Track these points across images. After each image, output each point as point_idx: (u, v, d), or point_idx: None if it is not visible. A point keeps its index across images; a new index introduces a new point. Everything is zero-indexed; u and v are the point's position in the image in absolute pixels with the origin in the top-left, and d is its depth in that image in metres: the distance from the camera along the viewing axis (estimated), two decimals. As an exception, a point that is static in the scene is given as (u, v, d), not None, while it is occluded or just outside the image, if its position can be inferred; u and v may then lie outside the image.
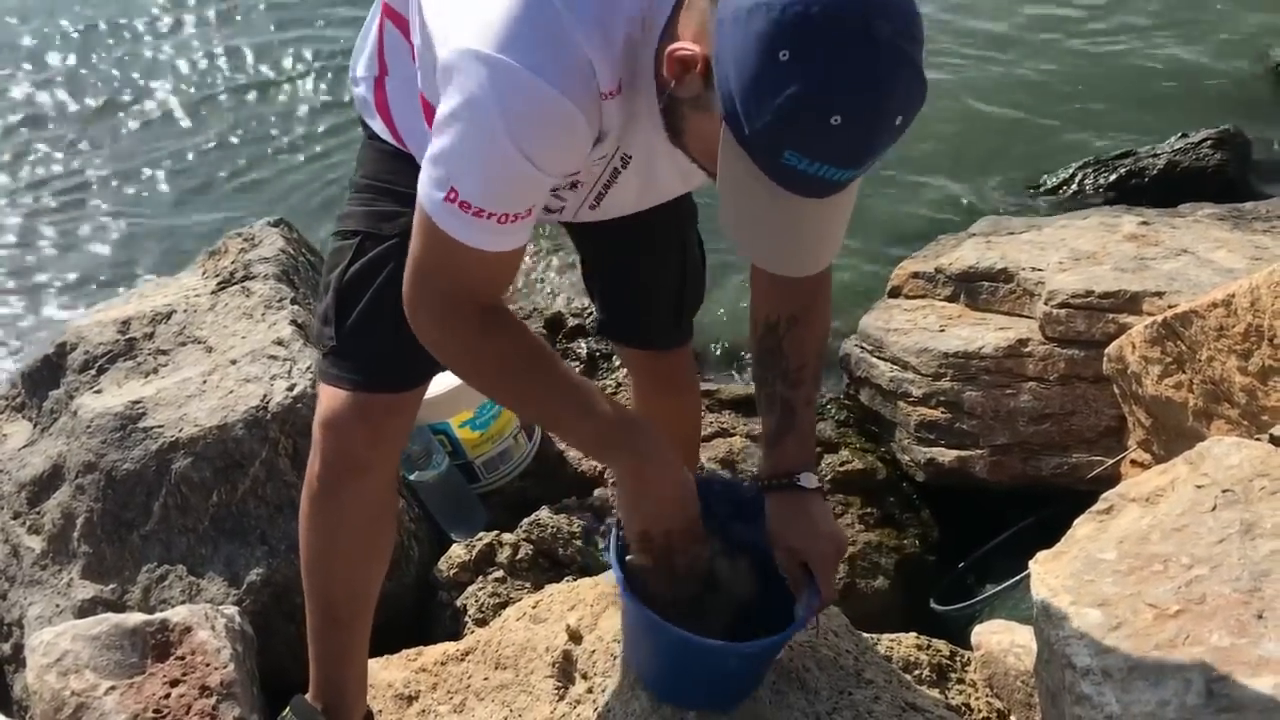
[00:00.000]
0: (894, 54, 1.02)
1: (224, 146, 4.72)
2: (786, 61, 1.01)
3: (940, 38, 4.99)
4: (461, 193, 1.20)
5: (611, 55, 1.19)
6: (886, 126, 1.05)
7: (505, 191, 1.22)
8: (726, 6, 1.06)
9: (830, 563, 1.45)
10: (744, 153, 1.08)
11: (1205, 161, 4.06)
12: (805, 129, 1.04)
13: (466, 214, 1.21)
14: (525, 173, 1.20)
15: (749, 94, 1.04)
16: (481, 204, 1.21)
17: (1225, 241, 2.73)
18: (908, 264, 3.04)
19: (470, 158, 1.20)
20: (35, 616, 2.20)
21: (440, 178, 1.22)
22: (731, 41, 1.04)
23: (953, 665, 1.93)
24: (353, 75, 1.59)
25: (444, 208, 1.22)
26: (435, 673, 1.83)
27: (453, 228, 1.23)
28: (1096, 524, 1.56)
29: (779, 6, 1.01)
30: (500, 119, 1.16)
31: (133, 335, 2.48)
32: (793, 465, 1.48)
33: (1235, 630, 1.29)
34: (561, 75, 1.16)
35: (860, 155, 1.07)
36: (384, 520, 1.67)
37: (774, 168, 1.08)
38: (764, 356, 1.52)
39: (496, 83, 1.15)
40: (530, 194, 1.24)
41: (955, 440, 2.66)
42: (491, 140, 1.18)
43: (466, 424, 2.57)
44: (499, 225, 1.23)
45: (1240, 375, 1.93)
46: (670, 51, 1.13)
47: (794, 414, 1.50)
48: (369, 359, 1.52)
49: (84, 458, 2.24)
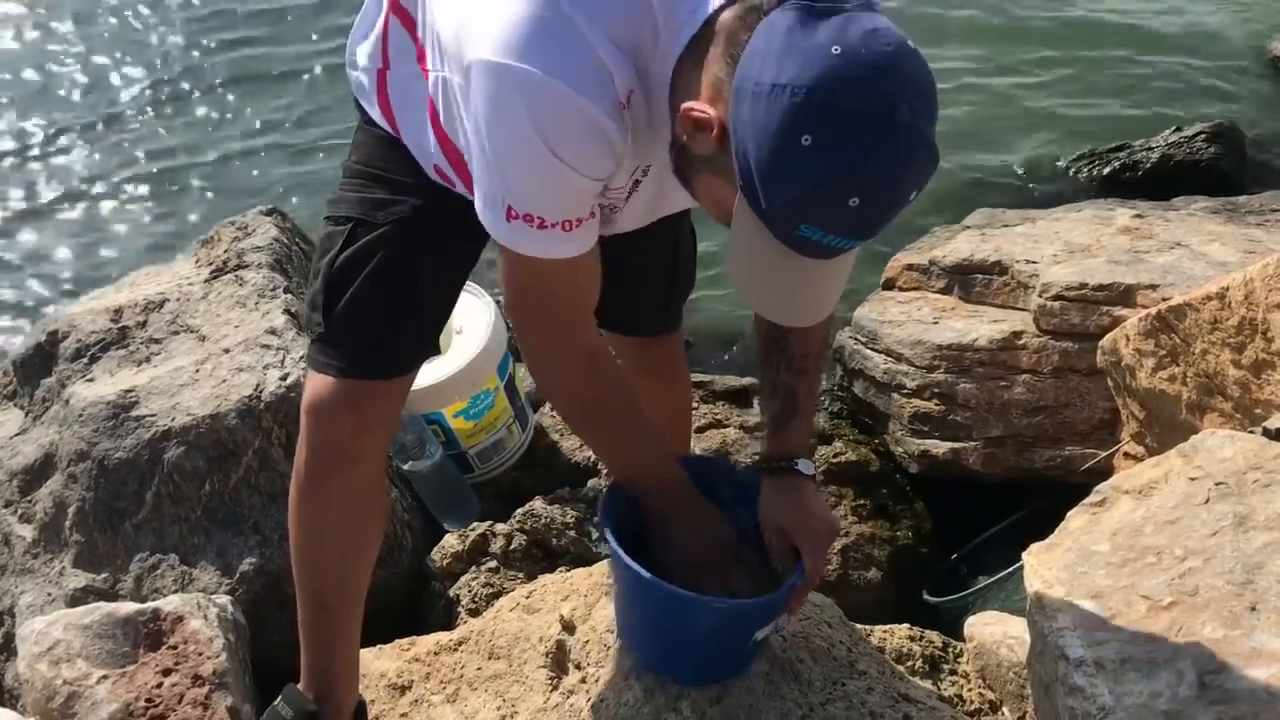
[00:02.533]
0: (913, 139, 1.03)
1: (217, 134, 4.71)
2: (809, 147, 1.02)
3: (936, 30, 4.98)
4: (518, 207, 1.23)
5: (624, 64, 1.19)
6: (900, 202, 1.08)
7: (557, 198, 1.24)
8: (746, 77, 1.06)
9: (820, 543, 1.47)
10: (758, 220, 1.10)
11: (1199, 155, 4.07)
12: (823, 209, 1.06)
13: (532, 228, 1.24)
14: (569, 178, 1.21)
15: (768, 174, 1.05)
16: (541, 214, 1.23)
17: (1219, 235, 2.73)
18: (902, 256, 3.04)
19: (513, 173, 1.22)
20: (27, 605, 2.19)
21: (493, 199, 1.25)
22: (751, 116, 1.05)
23: (945, 656, 1.94)
24: (350, 59, 1.58)
25: (509, 228, 1.25)
26: (428, 662, 1.83)
27: (524, 245, 1.26)
28: (1090, 516, 1.56)
29: (804, 90, 1.01)
30: (531, 128, 1.17)
31: (125, 324, 2.47)
32: (792, 450, 1.50)
33: (1228, 622, 1.30)
34: (582, 80, 1.16)
35: (874, 228, 1.09)
36: (373, 508, 1.67)
37: (788, 237, 1.10)
38: (769, 344, 1.53)
39: (522, 93, 1.16)
40: (582, 198, 1.26)
41: (949, 432, 2.66)
42: (529, 151, 1.19)
43: (460, 414, 2.56)
44: (564, 233, 1.25)
45: (1234, 368, 1.93)
46: (685, 110, 1.13)
47: (796, 401, 1.52)
48: (357, 346, 1.52)
49: (76, 446, 2.23)
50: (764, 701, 1.55)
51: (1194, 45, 4.96)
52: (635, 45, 1.19)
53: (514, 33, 1.15)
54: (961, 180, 4.17)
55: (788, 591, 1.44)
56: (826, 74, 1.01)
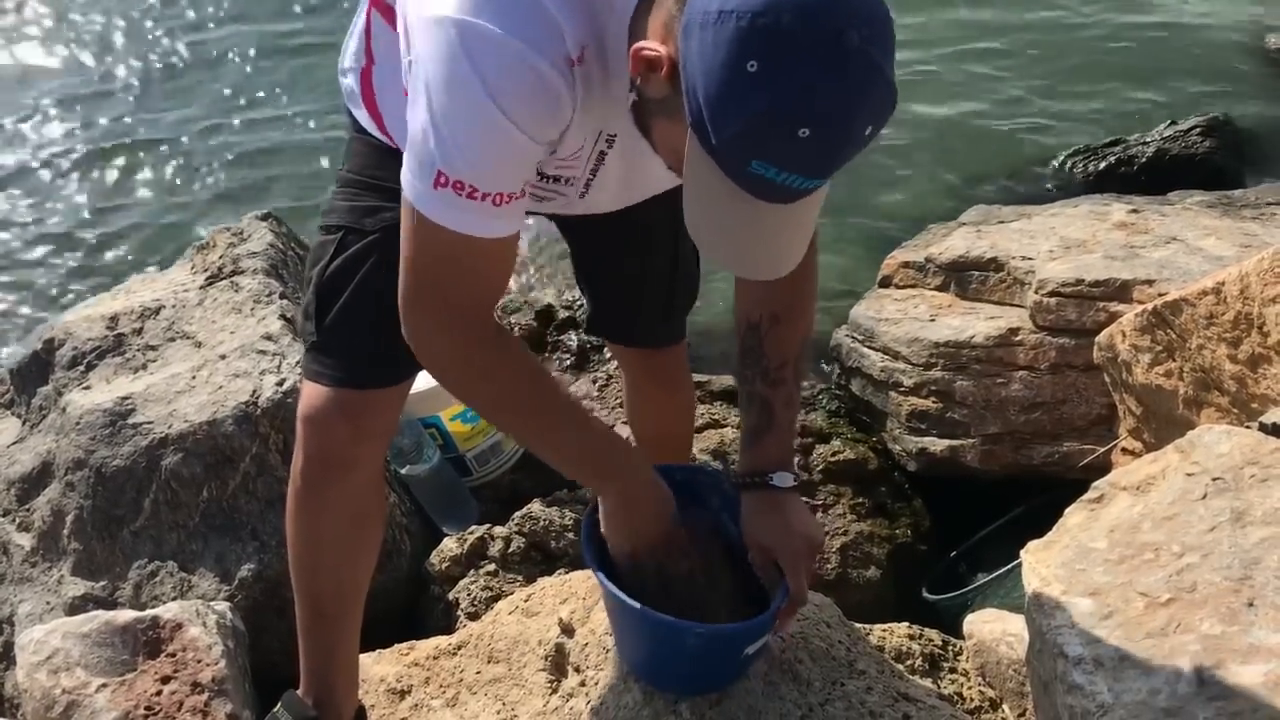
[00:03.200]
0: (864, 66, 1.00)
1: (212, 140, 4.70)
2: (755, 73, 0.99)
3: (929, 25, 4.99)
4: (451, 172, 1.18)
5: (576, 19, 1.16)
6: (855, 138, 1.04)
7: (496, 162, 1.19)
8: (694, 8, 1.04)
9: (801, 560, 1.44)
10: (710, 160, 1.07)
11: (1194, 149, 4.07)
12: (773, 141, 1.02)
13: (460, 196, 1.19)
14: (513, 138, 1.17)
15: (716, 105, 1.02)
16: (474, 181, 1.18)
17: (1214, 229, 2.73)
18: (898, 254, 3.04)
19: (455, 129, 1.17)
20: (25, 614, 2.19)
21: (426, 161, 1.19)
22: (698, 48, 1.02)
23: (945, 655, 1.94)
24: (341, 66, 1.59)
25: (433, 196, 1.19)
26: (427, 667, 1.83)
27: (444, 215, 1.20)
28: (1087, 513, 1.56)
29: (748, 15, 0.99)
30: (479, 83, 1.14)
31: (121, 331, 2.47)
32: (768, 464, 1.47)
33: (1226, 618, 1.30)
34: (535, 36, 1.14)
35: (827, 165, 1.06)
36: (370, 515, 1.66)
37: (740, 176, 1.06)
38: (745, 355, 1.51)
39: (471, 46, 1.13)
40: (520, 165, 1.22)
41: (946, 430, 2.66)
42: (474, 106, 1.15)
43: (457, 417, 2.56)
44: (493, 207, 1.20)
45: (1230, 363, 1.93)
46: (635, 50, 1.11)
47: (772, 413, 1.49)
48: (350, 354, 1.52)
49: (73, 454, 2.23)
50: (763, 702, 1.55)
51: (1189, 39, 4.96)
52: (589, 2, 1.17)
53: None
54: (957, 177, 4.17)
55: (773, 614, 1.43)
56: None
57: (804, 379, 2.96)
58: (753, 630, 1.44)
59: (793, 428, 1.54)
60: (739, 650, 1.48)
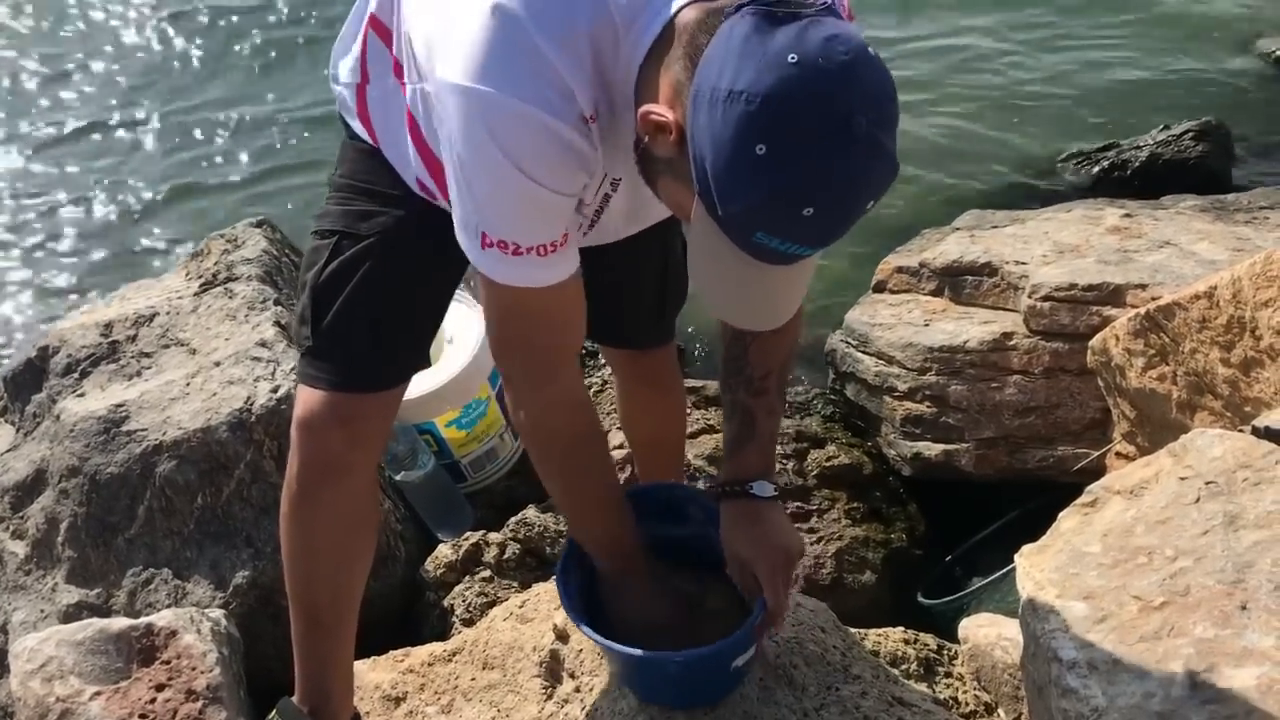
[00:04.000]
0: (870, 149, 1.02)
1: (206, 147, 4.70)
2: (763, 156, 1.00)
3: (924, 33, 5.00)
4: (492, 234, 1.22)
5: (586, 79, 1.18)
6: (857, 212, 1.06)
7: (531, 221, 1.23)
8: (704, 80, 1.04)
9: (779, 573, 1.45)
10: (715, 225, 1.09)
11: (1187, 153, 4.07)
12: (778, 219, 1.04)
13: (507, 254, 1.23)
14: (542, 197, 1.20)
15: (723, 181, 1.04)
16: (515, 239, 1.22)
17: (1207, 233, 2.73)
18: (892, 258, 3.05)
19: (486, 196, 1.21)
20: (19, 622, 2.18)
21: (469, 224, 1.24)
22: (707, 122, 1.03)
23: (940, 659, 1.94)
24: (333, 75, 1.59)
25: (486, 255, 1.24)
26: (422, 673, 1.83)
27: (500, 273, 1.25)
28: (1081, 517, 1.56)
29: (759, 99, 0.99)
30: (499, 150, 1.16)
31: (115, 338, 2.47)
32: (749, 474, 1.49)
33: (1219, 621, 1.30)
34: (545, 99, 1.16)
35: (830, 237, 1.08)
36: (365, 522, 1.66)
37: (744, 244, 1.08)
38: (729, 364, 1.52)
39: (485, 115, 1.16)
40: (556, 218, 1.25)
41: (941, 434, 2.66)
42: (500, 175, 1.18)
43: (452, 423, 2.56)
44: (539, 258, 1.24)
45: (1223, 367, 1.93)
46: (644, 113, 1.12)
47: (754, 423, 1.50)
48: (345, 359, 1.52)
49: (67, 461, 2.22)
50: (759, 708, 1.55)
51: (1181, 43, 4.97)
52: (597, 57, 1.18)
53: (476, 55, 1.15)
54: (950, 182, 4.17)
55: (750, 627, 1.43)
56: (782, 83, 0.99)
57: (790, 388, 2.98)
58: (731, 648, 1.44)
59: (774, 437, 1.56)
60: (725, 666, 1.49)
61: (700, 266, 1.16)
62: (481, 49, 1.15)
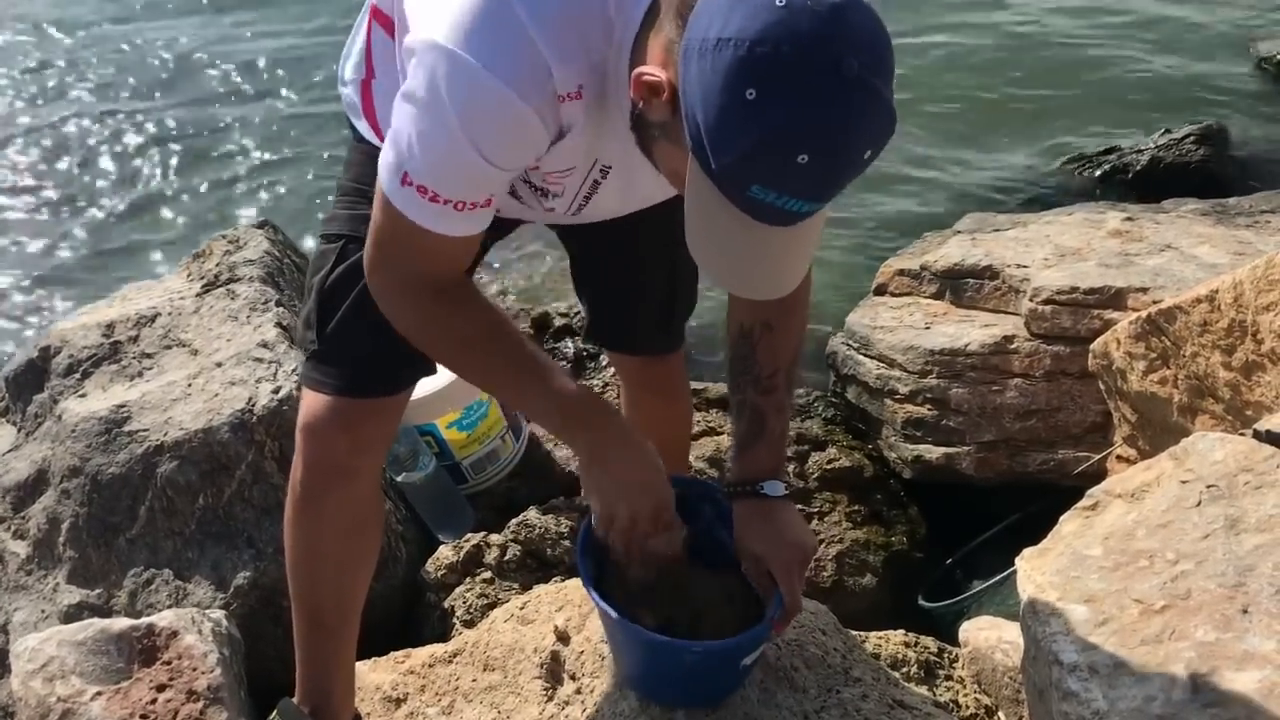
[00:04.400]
0: (863, 92, 1.01)
1: (209, 148, 4.71)
2: (753, 101, 1.00)
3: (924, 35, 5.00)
4: (415, 177, 1.22)
5: (571, 59, 1.19)
6: (853, 162, 1.05)
7: (459, 181, 1.23)
8: (693, 35, 1.05)
9: (792, 570, 1.44)
10: (710, 182, 1.08)
11: (1188, 157, 4.08)
12: (772, 166, 1.03)
13: (423, 198, 1.23)
14: (478, 165, 1.21)
15: (715, 131, 1.03)
16: (436, 189, 1.23)
17: (1208, 237, 2.74)
18: (893, 261, 3.05)
19: (425, 146, 1.21)
20: (20, 622, 2.18)
21: (396, 161, 1.24)
22: (698, 74, 1.03)
23: (940, 662, 1.94)
24: (340, 77, 1.59)
25: (401, 191, 1.24)
26: (423, 675, 1.83)
27: (409, 210, 1.25)
28: (1082, 520, 1.56)
29: (746, 43, 0.99)
30: (454, 113, 1.18)
31: (117, 338, 2.47)
32: (760, 473, 1.48)
33: (1220, 625, 1.30)
34: (516, 75, 1.16)
35: (826, 189, 1.07)
36: (368, 525, 1.67)
37: (740, 199, 1.07)
38: (737, 363, 1.52)
39: (452, 77, 1.17)
40: (484, 185, 1.25)
41: (942, 437, 2.66)
42: (445, 132, 1.19)
43: (453, 425, 2.56)
44: (455, 211, 1.25)
45: (1224, 370, 1.94)
46: (637, 75, 1.12)
47: (764, 421, 1.50)
48: (351, 363, 1.52)
49: (69, 462, 2.22)
50: (759, 710, 1.55)
51: (1181, 47, 4.98)
52: (584, 38, 1.19)
53: (460, 19, 1.16)
54: (952, 185, 4.18)
55: (768, 624, 1.43)
56: (770, 26, 0.99)
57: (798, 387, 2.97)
58: (749, 642, 1.44)
59: (784, 436, 1.55)
60: (736, 663, 1.49)
61: (697, 231, 1.14)
62: (465, 16, 1.16)
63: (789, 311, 1.50)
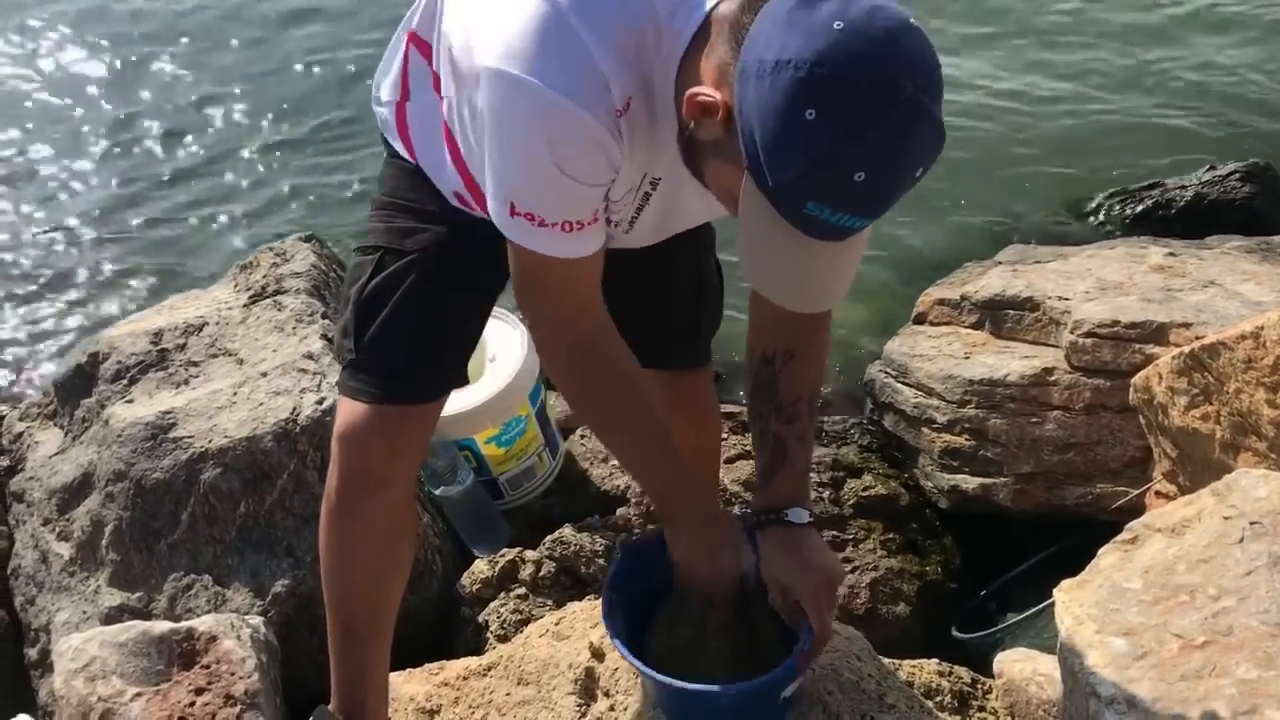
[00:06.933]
0: (917, 112, 1.04)
1: (256, 164, 4.77)
2: (813, 121, 1.03)
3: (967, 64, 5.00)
4: (520, 205, 1.27)
5: (623, 71, 1.22)
6: (907, 179, 1.08)
7: (556, 203, 1.27)
8: (750, 57, 1.08)
9: (819, 597, 1.44)
10: (765, 199, 1.11)
11: (1233, 194, 4.04)
12: (829, 184, 1.06)
13: (533, 225, 1.28)
14: (569, 185, 1.24)
15: (773, 150, 1.06)
16: (541, 213, 1.27)
17: (1253, 274, 2.72)
18: (933, 291, 3.05)
19: (517, 174, 1.26)
20: (62, 622, 2.22)
21: (499, 194, 1.28)
22: (755, 95, 1.06)
23: (974, 693, 1.93)
24: (375, 96, 1.63)
25: (512, 223, 1.28)
26: (457, 687, 1.84)
27: (525, 240, 1.30)
28: (1122, 553, 1.55)
29: (806, 65, 1.02)
30: (530, 138, 1.21)
31: (165, 346, 2.51)
32: (783, 501, 1.48)
33: (1263, 663, 1.29)
34: (579, 90, 1.19)
35: (879, 206, 1.10)
36: (403, 535, 1.69)
37: (795, 215, 1.10)
38: (759, 391, 1.53)
39: (521, 103, 1.20)
40: (583, 204, 1.29)
41: (979, 468, 2.65)
42: (529, 158, 1.23)
43: (492, 440, 2.58)
44: (564, 233, 1.29)
45: (1269, 408, 1.92)
46: (690, 95, 1.15)
47: (786, 450, 1.50)
48: (387, 371, 1.55)
49: (114, 466, 2.26)
50: (792, 733, 1.55)
51: (1227, 84, 4.94)
52: (638, 50, 1.22)
53: (517, 42, 1.19)
54: (992, 216, 4.16)
55: (799, 655, 1.43)
56: (829, 48, 1.02)
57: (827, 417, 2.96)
58: (782, 676, 1.44)
59: (808, 463, 1.55)
60: (775, 697, 1.49)
61: (750, 248, 1.17)
62: (523, 38, 1.19)
63: (812, 339, 1.52)
